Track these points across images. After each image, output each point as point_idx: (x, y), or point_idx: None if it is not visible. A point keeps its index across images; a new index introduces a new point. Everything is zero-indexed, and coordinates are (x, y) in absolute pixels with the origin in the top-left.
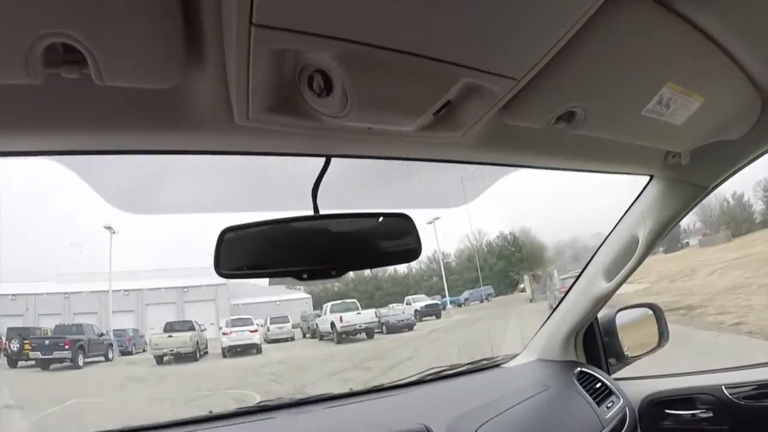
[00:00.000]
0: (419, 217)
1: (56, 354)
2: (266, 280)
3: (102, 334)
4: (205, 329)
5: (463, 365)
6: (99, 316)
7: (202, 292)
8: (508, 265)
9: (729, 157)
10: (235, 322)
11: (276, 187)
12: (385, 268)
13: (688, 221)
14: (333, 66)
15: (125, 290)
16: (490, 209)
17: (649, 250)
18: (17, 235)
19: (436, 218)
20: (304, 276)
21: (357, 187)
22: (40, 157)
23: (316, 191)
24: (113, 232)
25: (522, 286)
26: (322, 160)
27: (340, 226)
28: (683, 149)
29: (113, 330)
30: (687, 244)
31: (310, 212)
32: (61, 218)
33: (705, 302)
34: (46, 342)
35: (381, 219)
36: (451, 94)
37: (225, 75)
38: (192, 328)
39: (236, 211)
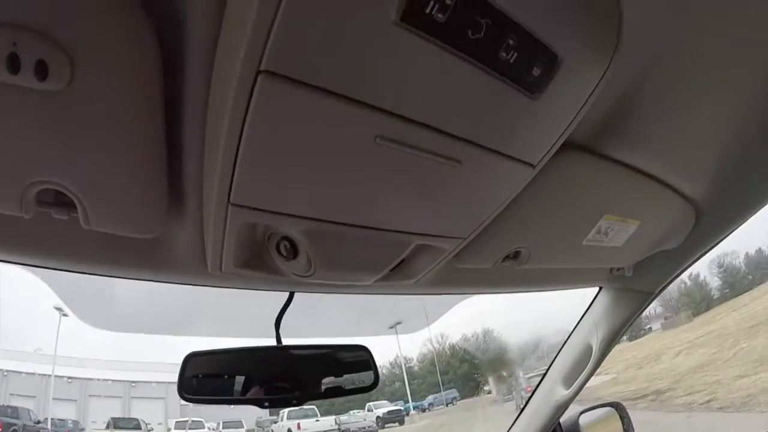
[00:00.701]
0: (381, 321)
1: None
2: None
3: (39, 422)
4: (152, 429)
5: None
6: (37, 401)
7: (151, 389)
8: (472, 368)
9: (670, 264)
10: (184, 424)
11: (240, 315)
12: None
13: (650, 307)
14: (298, 236)
15: (69, 377)
16: (453, 314)
17: (603, 356)
18: None
19: (398, 323)
20: (266, 404)
21: (320, 314)
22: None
23: (279, 322)
24: (63, 314)
25: (487, 387)
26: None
27: (302, 355)
28: (626, 265)
29: (51, 419)
30: (650, 329)
31: (273, 341)
32: (10, 290)
33: (673, 385)
34: None
35: (341, 350)
36: (404, 255)
37: (201, 235)
38: (138, 427)
39: (200, 336)
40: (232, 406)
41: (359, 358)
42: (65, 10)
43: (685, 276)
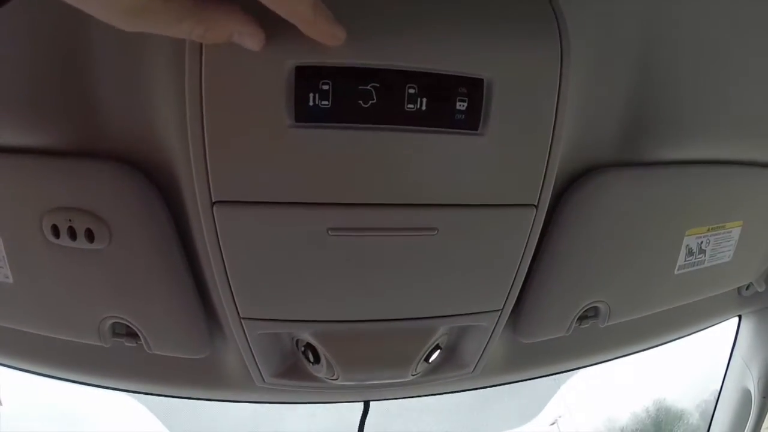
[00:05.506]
0: None
1: None
2: None
3: None
4: None
5: None
6: None
7: None
8: None
9: None
10: None
11: None
12: None
13: None
14: (312, 340)
15: None
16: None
17: (767, 399)
18: None
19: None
20: None
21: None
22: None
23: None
24: None
25: None
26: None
27: None
28: (753, 279)
29: None
30: None
31: None
32: None
33: None
34: None
35: None
36: (433, 342)
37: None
38: None
39: None
40: None
41: None
42: (103, 195)
43: None
